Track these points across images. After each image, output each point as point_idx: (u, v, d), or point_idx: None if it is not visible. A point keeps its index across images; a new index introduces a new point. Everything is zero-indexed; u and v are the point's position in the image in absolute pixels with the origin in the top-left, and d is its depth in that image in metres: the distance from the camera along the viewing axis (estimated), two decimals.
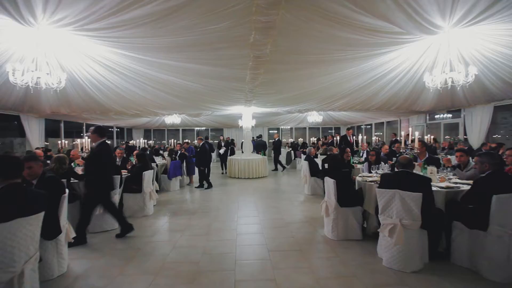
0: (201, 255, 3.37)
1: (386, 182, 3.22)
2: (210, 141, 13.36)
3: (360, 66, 6.21)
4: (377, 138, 14.79)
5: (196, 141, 19.21)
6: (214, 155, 14.05)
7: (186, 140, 8.10)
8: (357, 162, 6.82)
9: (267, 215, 5.12)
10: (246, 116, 10.53)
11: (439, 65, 6.50)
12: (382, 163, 5.07)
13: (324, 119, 15.31)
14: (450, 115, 12.83)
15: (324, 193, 7.22)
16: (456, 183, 3.77)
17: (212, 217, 4.98)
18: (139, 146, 10.41)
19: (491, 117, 9.84)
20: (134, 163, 5.77)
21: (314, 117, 14.53)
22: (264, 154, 11.29)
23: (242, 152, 11.03)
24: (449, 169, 4.37)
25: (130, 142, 16.49)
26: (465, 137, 10.90)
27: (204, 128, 20.16)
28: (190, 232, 4.20)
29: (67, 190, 3.05)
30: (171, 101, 8.41)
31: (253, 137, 12.98)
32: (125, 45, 4.43)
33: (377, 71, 6.80)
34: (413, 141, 4.82)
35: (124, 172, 5.23)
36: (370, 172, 4.97)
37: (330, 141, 12.84)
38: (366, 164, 5.15)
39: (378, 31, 4.08)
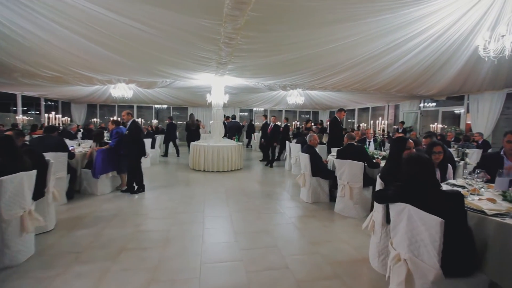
0: None
1: None
2: (174, 122, 10.62)
3: (389, 16, 4.11)
4: (364, 125, 13.20)
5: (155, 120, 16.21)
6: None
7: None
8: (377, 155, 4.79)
9: (256, 256, 2.84)
10: (217, 89, 7.95)
11: (486, 24, 4.89)
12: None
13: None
14: (434, 104, 11.60)
15: (331, 199, 4.72)
16: None
17: (151, 268, 2.56)
18: (41, 125, 7.21)
19: (502, 105, 8.54)
20: None
21: (295, 98, 12.44)
22: (238, 140, 8.93)
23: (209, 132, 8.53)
24: None
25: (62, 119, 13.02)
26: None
27: (165, 106, 17.06)
28: None
29: None
30: (104, 57, 5.55)
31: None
32: None
33: (401, 33, 4.88)
34: None
35: None
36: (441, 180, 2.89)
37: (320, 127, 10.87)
38: None
39: None
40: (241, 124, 12.56)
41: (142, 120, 14.26)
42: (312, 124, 11.64)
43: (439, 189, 1.80)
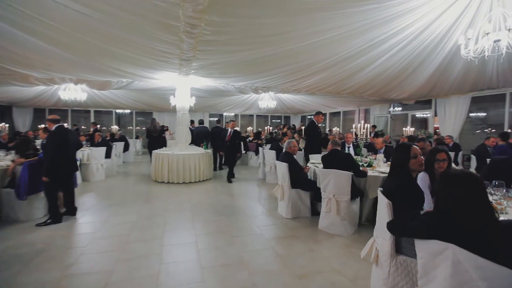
0: None
1: None
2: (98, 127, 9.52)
3: (374, 7, 3.77)
4: (336, 129, 13.10)
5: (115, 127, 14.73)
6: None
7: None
8: (363, 163, 4.32)
9: None
10: (182, 90, 7.13)
11: (461, 26, 4.78)
12: None
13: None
14: (400, 108, 11.84)
15: (312, 213, 4.21)
16: None
17: None
18: None
19: (468, 108, 8.76)
20: None
21: (267, 102, 12.01)
22: (207, 147, 8.14)
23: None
24: None
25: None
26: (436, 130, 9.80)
27: (128, 111, 15.65)
28: None
29: None
30: (38, 49, 4.52)
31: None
32: None
33: (381, 30, 4.67)
34: None
35: None
36: None
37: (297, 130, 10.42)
38: (423, 176, 2.59)
39: None
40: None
41: (100, 126, 12.83)
42: (287, 128, 11.18)
43: (498, 221, 1.26)
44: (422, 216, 1.41)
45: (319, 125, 6.65)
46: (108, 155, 7.37)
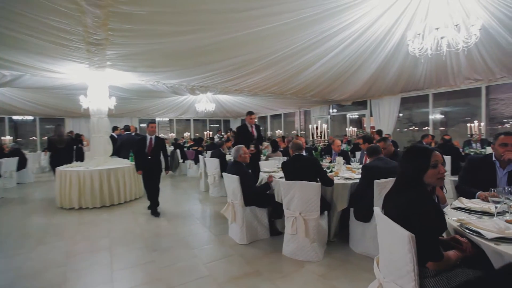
0: None
1: None
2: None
3: None
4: (279, 131, 12.85)
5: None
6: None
7: None
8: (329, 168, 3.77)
9: None
10: (96, 88, 5.59)
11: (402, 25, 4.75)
12: None
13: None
14: (335, 110, 12.31)
15: (272, 233, 3.43)
16: None
17: None
18: None
19: (398, 108, 9.36)
20: None
21: (205, 105, 11.06)
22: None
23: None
24: None
25: None
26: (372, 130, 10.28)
27: (30, 117, 12.54)
28: None
29: None
30: None
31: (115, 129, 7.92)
32: None
33: (329, 23, 4.45)
34: None
35: None
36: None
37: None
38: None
39: None
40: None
41: None
42: (232, 133, 10.23)
43: None
44: None
45: (253, 127, 5.23)
46: None
